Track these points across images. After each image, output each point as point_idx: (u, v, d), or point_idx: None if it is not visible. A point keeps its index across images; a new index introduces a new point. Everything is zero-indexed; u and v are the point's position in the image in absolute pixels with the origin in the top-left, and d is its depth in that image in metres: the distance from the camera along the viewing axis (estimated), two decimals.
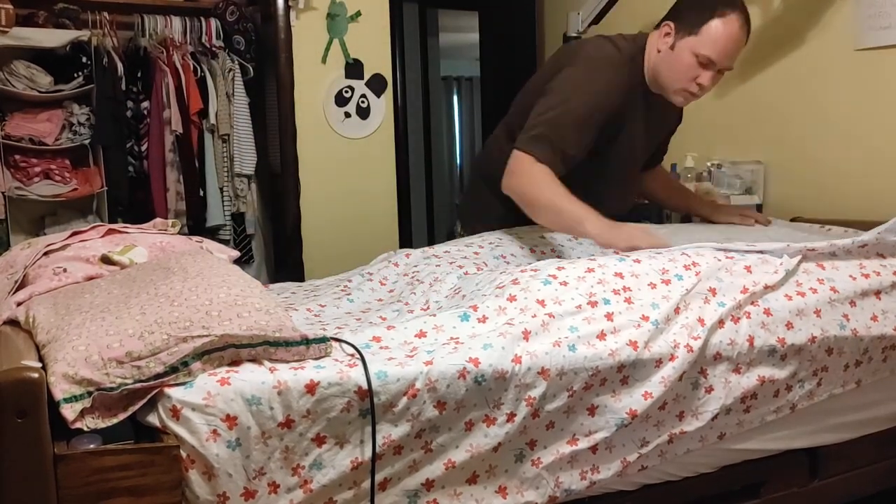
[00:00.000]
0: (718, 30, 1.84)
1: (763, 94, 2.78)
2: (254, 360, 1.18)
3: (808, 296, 1.58)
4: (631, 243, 1.68)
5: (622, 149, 2.03)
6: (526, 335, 1.33)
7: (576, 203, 1.76)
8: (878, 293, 1.66)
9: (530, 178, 1.83)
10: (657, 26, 1.98)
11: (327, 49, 3.31)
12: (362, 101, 3.41)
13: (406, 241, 4.14)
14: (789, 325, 1.52)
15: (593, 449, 1.36)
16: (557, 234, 2.04)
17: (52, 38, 2.83)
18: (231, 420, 1.09)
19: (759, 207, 2.75)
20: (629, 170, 2.13)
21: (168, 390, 1.10)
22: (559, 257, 1.90)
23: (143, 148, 3.03)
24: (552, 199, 1.80)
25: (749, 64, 2.82)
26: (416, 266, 1.83)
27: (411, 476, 1.23)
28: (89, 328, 1.17)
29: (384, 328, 1.36)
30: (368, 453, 1.18)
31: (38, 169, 2.88)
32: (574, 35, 2.98)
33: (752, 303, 1.52)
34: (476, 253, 1.91)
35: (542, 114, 1.88)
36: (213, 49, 3.14)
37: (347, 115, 3.38)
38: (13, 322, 1.40)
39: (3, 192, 2.80)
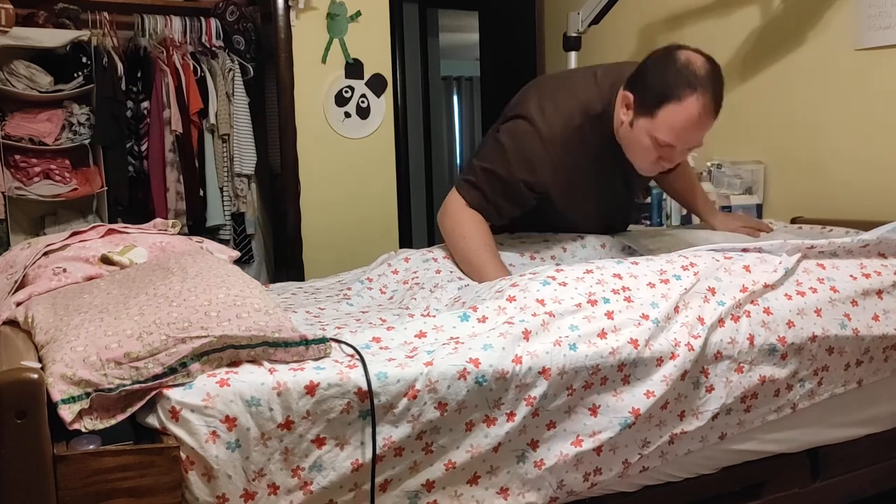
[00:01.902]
0: (676, 116, 1.64)
1: (763, 94, 2.78)
2: (253, 360, 1.18)
3: (808, 295, 1.58)
4: None
5: (593, 198, 1.94)
6: (526, 335, 1.33)
7: (489, 262, 1.76)
8: (879, 293, 1.66)
9: (457, 221, 1.84)
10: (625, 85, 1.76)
11: (327, 49, 3.30)
12: (362, 101, 3.40)
13: (406, 240, 4.14)
14: (790, 324, 1.52)
15: (598, 450, 1.35)
16: (558, 241, 2.03)
17: (52, 38, 2.83)
18: (230, 421, 1.09)
19: (759, 207, 2.74)
20: (609, 209, 2.01)
21: (167, 391, 1.10)
22: (559, 265, 1.89)
23: (143, 148, 3.03)
24: (467, 249, 1.80)
25: (749, 64, 2.82)
26: (415, 272, 1.83)
27: (412, 477, 1.23)
28: (88, 329, 1.16)
29: (384, 329, 1.36)
30: (369, 455, 1.18)
31: (38, 169, 2.87)
32: (574, 35, 2.97)
33: (752, 302, 1.52)
34: None
35: (480, 163, 1.83)
36: (213, 49, 3.14)
37: (347, 115, 3.38)
38: (13, 322, 1.40)
39: (3, 192, 2.80)
